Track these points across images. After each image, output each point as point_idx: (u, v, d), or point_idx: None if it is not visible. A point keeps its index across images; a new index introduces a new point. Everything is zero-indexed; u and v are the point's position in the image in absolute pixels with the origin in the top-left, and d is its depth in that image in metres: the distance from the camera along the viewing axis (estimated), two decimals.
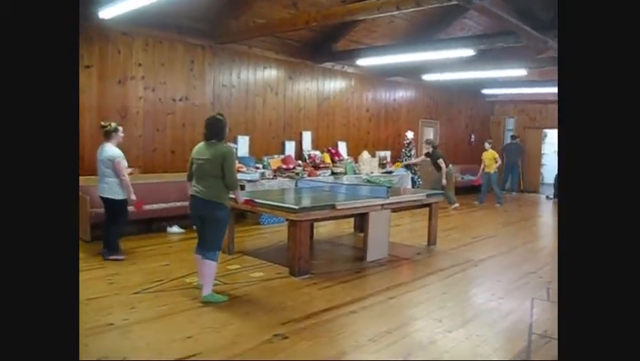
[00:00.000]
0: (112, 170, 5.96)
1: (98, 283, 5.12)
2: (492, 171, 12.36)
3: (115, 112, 7.64)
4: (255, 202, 5.78)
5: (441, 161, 11.10)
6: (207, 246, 4.64)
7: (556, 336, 4.09)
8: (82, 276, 5.37)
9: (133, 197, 6.09)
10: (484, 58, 10.78)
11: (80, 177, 6.56)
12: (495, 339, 4.04)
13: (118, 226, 6.18)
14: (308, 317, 4.33)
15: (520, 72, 11.32)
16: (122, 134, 6.20)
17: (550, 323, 4.39)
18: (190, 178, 4.78)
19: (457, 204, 11.31)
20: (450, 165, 11.35)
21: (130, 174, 6.18)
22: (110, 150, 6.00)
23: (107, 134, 6.09)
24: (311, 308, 4.53)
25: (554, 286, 5.56)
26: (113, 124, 6.17)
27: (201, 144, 4.71)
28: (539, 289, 5.43)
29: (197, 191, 4.59)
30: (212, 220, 4.60)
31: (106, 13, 6.72)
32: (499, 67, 11.10)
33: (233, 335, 3.89)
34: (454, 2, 6.04)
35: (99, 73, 7.47)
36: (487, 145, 12.69)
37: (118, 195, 6.03)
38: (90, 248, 6.42)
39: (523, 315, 4.61)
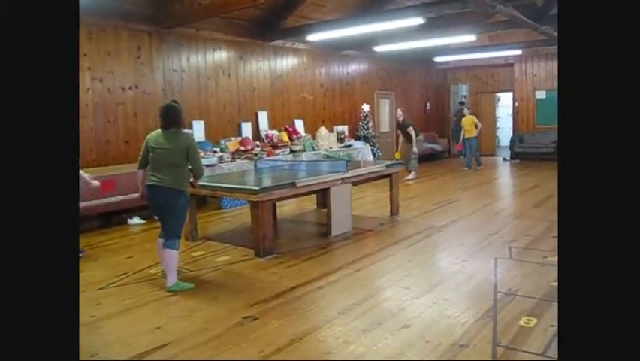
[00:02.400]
0: None
1: None
2: (473, 136, 12.62)
3: None
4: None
5: (411, 129, 11.25)
6: (167, 235, 4.57)
7: (520, 293, 4.21)
8: None
9: (94, 183, 6.12)
10: (433, 25, 10.79)
11: None
12: (462, 301, 4.13)
13: None
14: (276, 296, 4.33)
15: (470, 37, 11.44)
16: None
17: (514, 281, 4.51)
18: (143, 167, 4.68)
19: (412, 175, 11.38)
20: (420, 134, 11.48)
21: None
22: None
23: None
24: (279, 287, 4.53)
25: (516, 244, 5.71)
26: None
27: (158, 132, 4.59)
28: (502, 249, 5.56)
29: (157, 180, 4.48)
30: (172, 208, 4.52)
31: None
32: (448, 34, 11.16)
33: (203, 321, 3.86)
34: None
35: None
36: (466, 111, 13.01)
37: None
38: None
39: (488, 275, 4.72)
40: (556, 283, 4.29)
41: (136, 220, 7.61)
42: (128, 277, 5.03)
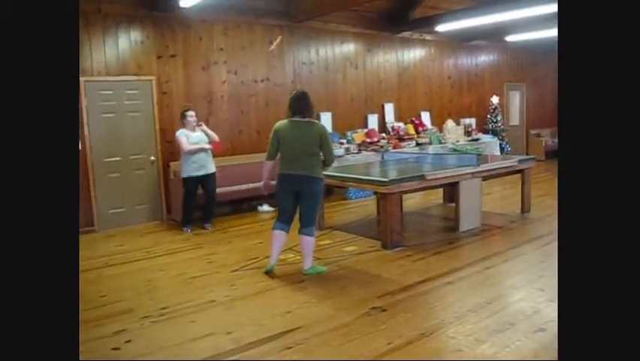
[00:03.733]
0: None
1: (198, 263, 5.34)
2: None
3: (201, 98, 7.86)
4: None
5: None
6: (303, 222, 4.65)
7: None
8: (182, 256, 5.65)
9: (205, 146, 6.67)
10: None
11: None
12: None
13: (185, 201, 6.74)
14: (404, 289, 4.31)
15: None
16: (191, 119, 6.63)
17: None
18: (272, 157, 4.74)
19: None
20: None
21: (198, 125, 6.74)
22: (176, 134, 6.61)
23: (182, 120, 6.70)
24: (407, 280, 4.50)
25: None
26: (183, 110, 6.75)
27: (286, 122, 4.62)
28: None
29: (293, 169, 4.55)
30: (310, 195, 4.59)
31: (186, 2, 6.87)
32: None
33: (332, 309, 3.94)
34: None
35: (183, 61, 7.69)
36: None
37: (182, 172, 6.65)
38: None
39: None
40: None
41: (265, 208, 7.93)
42: (260, 262, 5.25)
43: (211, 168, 6.71)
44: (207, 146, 6.63)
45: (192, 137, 6.55)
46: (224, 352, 3.33)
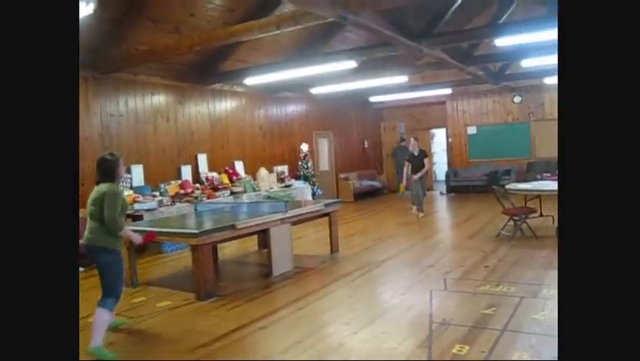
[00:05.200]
0: None
1: None
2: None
3: None
4: (155, 234, 5.33)
5: (426, 161, 10.82)
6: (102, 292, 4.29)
7: (454, 322, 4.39)
8: None
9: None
10: (366, 68, 11.23)
11: None
12: (400, 333, 4.27)
13: None
14: (218, 339, 4.35)
15: (402, 78, 11.91)
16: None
17: (449, 311, 4.70)
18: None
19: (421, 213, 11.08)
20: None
21: None
22: None
23: None
24: (220, 330, 4.54)
25: (451, 275, 5.94)
26: None
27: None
28: (437, 281, 5.77)
29: (85, 237, 4.26)
30: (99, 266, 4.29)
31: None
32: (381, 75, 11.61)
33: None
34: (331, 19, 6.29)
35: None
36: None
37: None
38: None
39: (424, 307, 4.89)
40: (488, 311, 4.53)
41: None
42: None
43: None
44: None
45: None
46: None
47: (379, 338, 4.17)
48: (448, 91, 14.86)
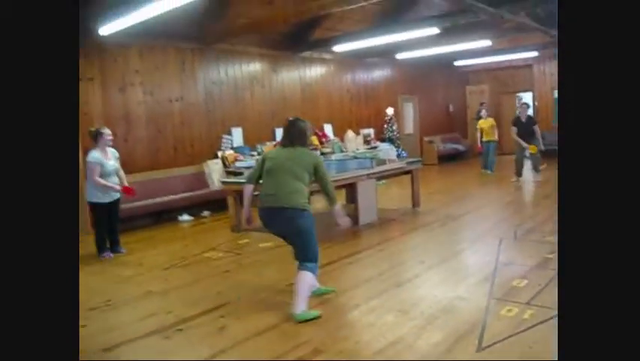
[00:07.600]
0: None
1: (129, 267, 5.91)
2: (493, 139, 12.17)
3: (120, 118, 8.40)
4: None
5: (537, 127, 10.73)
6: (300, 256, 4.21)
7: (517, 262, 4.99)
8: (112, 262, 6.16)
9: (116, 188, 6.11)
10: (451, 33, 11.53)
11: None
12: (468, 269, 4.96)
13: (97, 228, 6.29)
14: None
15: (486, 43, 12.13)
16: (108, 137, 6.13)
17: (514, 254, 5.30)
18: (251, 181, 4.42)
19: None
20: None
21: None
22: (89, 154, 6.01)
23: (93, 139, 6.11)
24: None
25: (521, 228, 6.47)
26: (94, 128, 6.22)
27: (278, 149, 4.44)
28: (508, 232, 6.33)
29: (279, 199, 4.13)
30: (296, 228, 4.22)
31: (105, 30, 7.44)
32: (465, 40, 11.92)
33: (254, 288, 4.76)
34: None
35: (101, 83, 8.21)
36: (483, 113, 12.59)
37: (88, 196, 6.12)
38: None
39: (494, 251, 5.50)
40: (550, 255, 5.07)
41: (185, 217, 8.56)
42: (188, 260, 5.95)
43: (117, 195, 6.26)
44: (117, 187, 6.17)
45: (107, 166, 6.06)
46: (168, 325, 4.05)
47: (450, 271, 4.87)
48: (534, 54, 14.82)
